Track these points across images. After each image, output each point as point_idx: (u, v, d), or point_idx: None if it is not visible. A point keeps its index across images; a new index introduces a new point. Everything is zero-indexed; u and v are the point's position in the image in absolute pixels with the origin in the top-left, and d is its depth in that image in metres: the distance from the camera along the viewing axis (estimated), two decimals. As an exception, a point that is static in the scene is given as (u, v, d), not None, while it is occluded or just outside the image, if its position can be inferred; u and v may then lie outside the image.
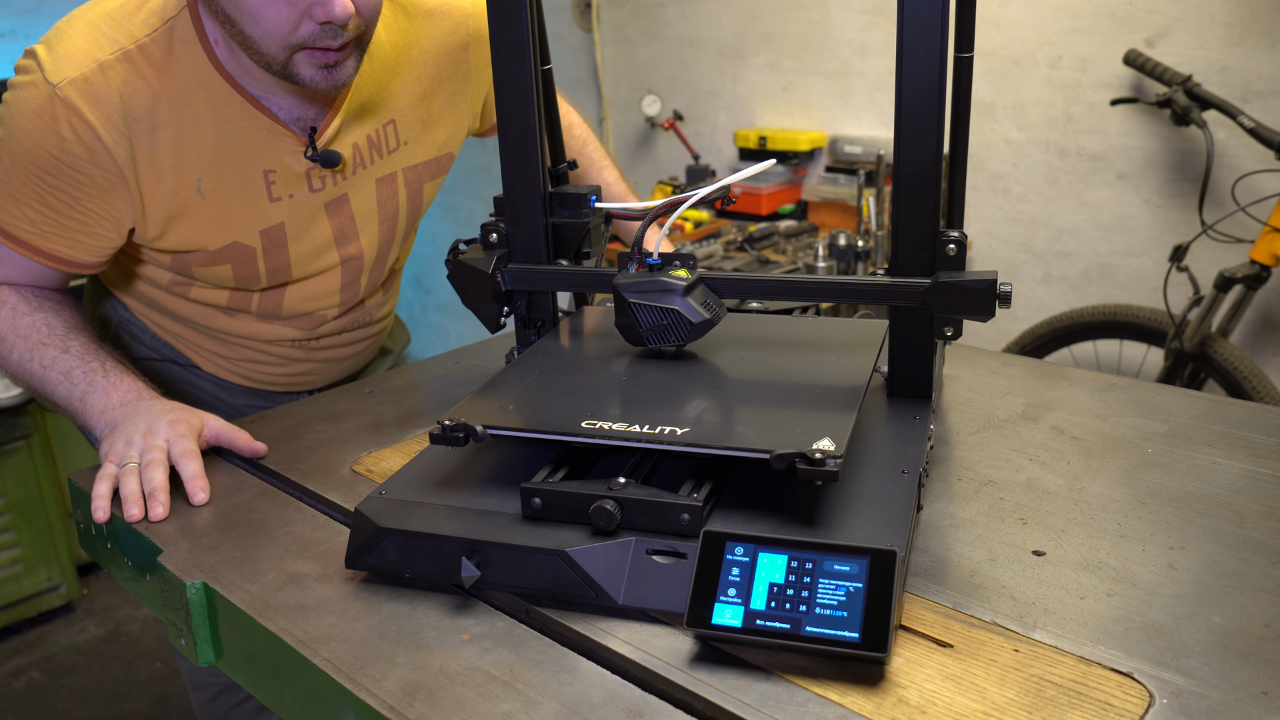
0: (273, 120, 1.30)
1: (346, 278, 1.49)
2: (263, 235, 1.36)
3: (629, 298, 1.07)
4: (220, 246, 1.35)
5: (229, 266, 1.38)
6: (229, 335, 1.52)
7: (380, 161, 1.42)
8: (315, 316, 1.52)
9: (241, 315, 1.49)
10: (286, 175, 1.34)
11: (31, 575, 3.05)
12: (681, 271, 1.09)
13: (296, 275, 1.44)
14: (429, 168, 1.50)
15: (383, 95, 1.39)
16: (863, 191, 2.74)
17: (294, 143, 1.32)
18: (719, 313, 1.09)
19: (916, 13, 0.97)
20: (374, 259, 1.50)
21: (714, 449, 0.87)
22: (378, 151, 1.41)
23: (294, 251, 1.40)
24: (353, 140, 1.38)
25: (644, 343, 1.09)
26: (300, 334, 1.54)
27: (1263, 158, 2.40)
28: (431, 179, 1.51)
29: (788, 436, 0.87)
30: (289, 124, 1.31)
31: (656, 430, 0.90)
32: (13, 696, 2.81)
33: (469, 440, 0.93)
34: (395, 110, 1.41)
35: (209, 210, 1.31)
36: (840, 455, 0.82)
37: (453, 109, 1.49)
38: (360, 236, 1.45)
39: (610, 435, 0.90)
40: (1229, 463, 1.09)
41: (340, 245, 1.44)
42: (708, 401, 0.98)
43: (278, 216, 1.36)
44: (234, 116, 1.28)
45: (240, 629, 0.94)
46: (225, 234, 1.34)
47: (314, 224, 1.40)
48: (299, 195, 1.36)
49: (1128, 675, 0.76)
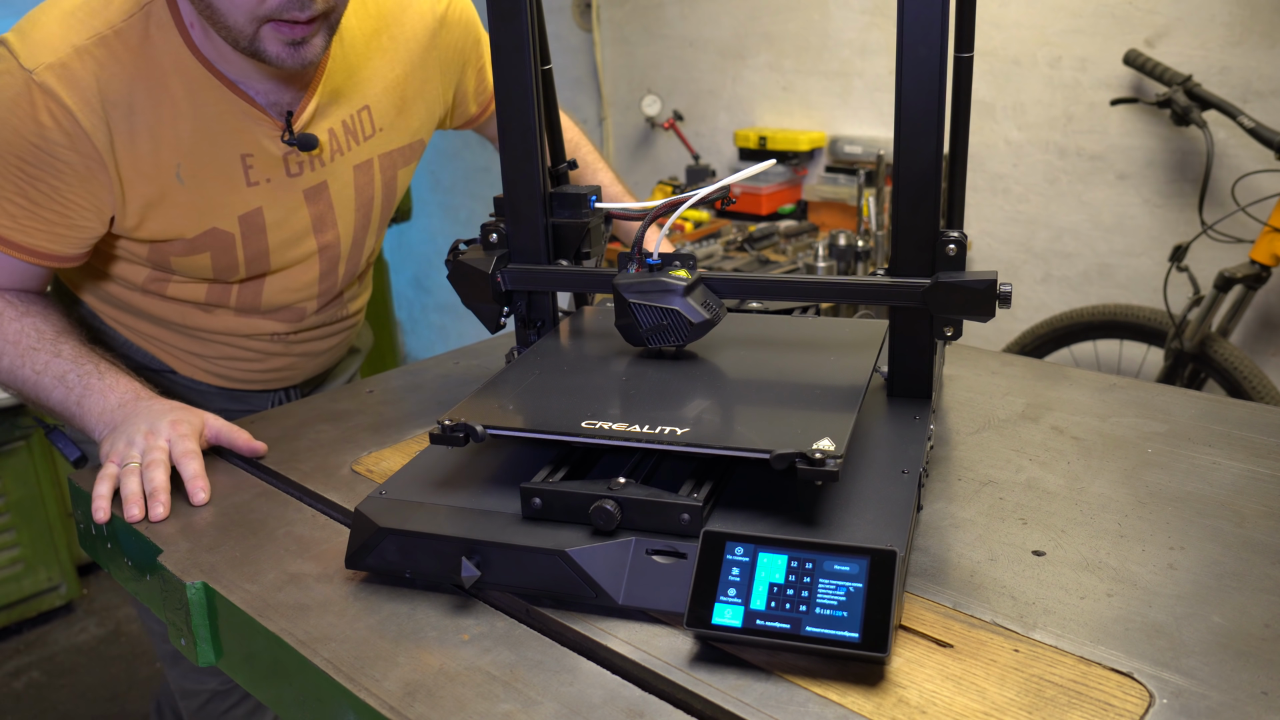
0: (250, 104, 1.30)
1: (324, 267, 1.49)
2: (241, 221, 1.36)
3: (629, 298, 1.07)
4: (199, 233, 1.34)
5: (208, 255, 1.37)
6: (207, 333, 1.51)
7: (357, 148, 1.43)
8: (295, 310, 1.52)
9: (220, 311, 1.48)
10: (264, 159, 1.34)
11: (31, 575, 3.05)
12: (681, 272, 1.09)
13: (275, 265, 1.43)
14: (403, 154, 1.51)
15: (356, 80, 1.40)
16: (863, 191, 2.74)
17: (271, 127, 1.33)
18: (719, 313, 1.09)
19: (916, 13, 0.97)
20: (350, 247, 1.50)
21: (714, 449, 0.87)
22: (354, 138, 1.42)
23: (273, 239, 1.40)
24: (328, 125, 1.38)
25: (644, 343, 1.09)
26: (282, 327, 1.54)
27: (1263, 158, 2.40)
28: (405, 165, 1.52)
29: (788, 436, 0.87)
30: (266, 108, 1.32)
31: (656, 430, 0.90)
32: (13, 696, 2.81)
33: (469, 440, 0.93)
34: (369, 96, 1.42)
35: (187, 196, 1.31)
36: (840, 455, 0.82)
37: (425, 96, 1.50)
38: (338, 224, 1.46)
39: (610, 435, 0.90)
40: (1229, 463, 1.09)
41: (318, 233, 1.44)
42: (708, 401, 0.98)
43: (256, 201, 1.36)
44: (211, 101, 1.29)
45: (240, 629, 0.94)
46: (204, 220, 1.34)
47: (292, 211, 1.40)
48: (276, 180, 1.36)
49: (1128, 675, 0.76)
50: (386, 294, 3.80)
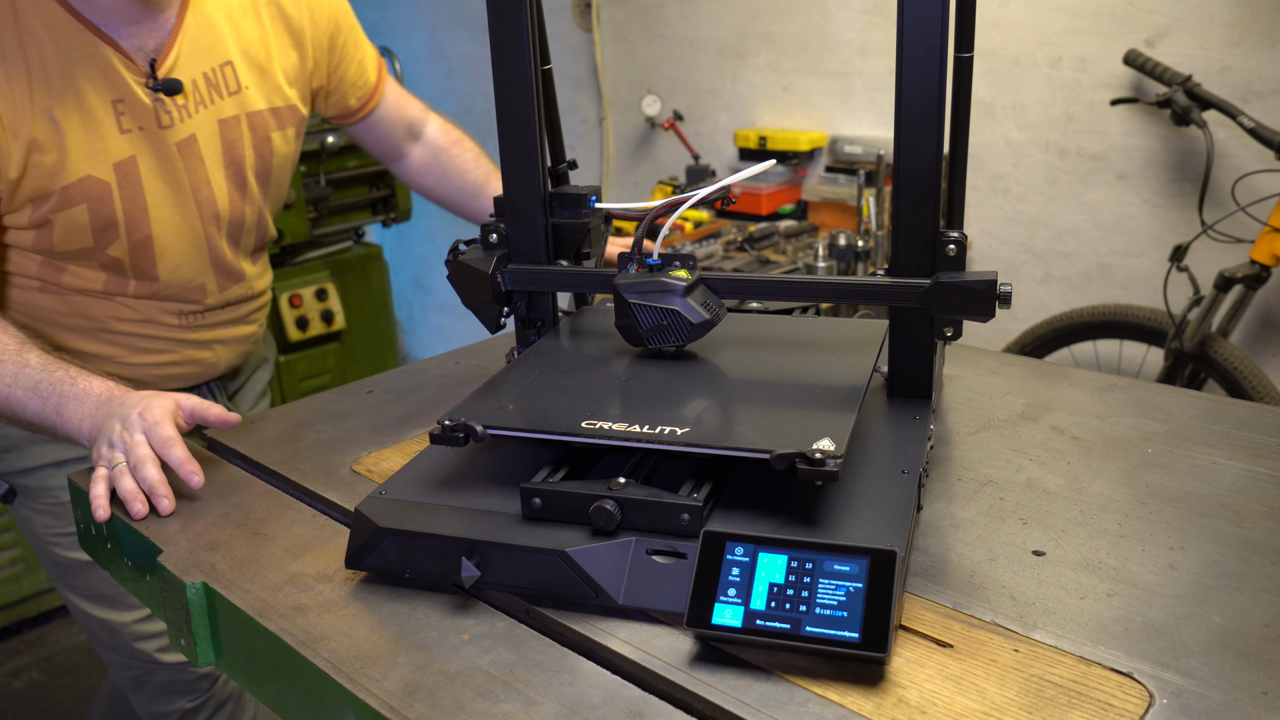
0: (114, 49, 1.36)
1: (209, 234, 1.51)
2: (117, 170, 1.39)
3: (629, 298, 1.07)
4: (74, 179, 1.37)
5: (85, 209, 1.39)
6: (112, 330, 1.51)
7: (221, 102, 1.48)
8: (195, 288, 1.54)
9: (121, 299, 1.49)
10: (135, 107, 1.39)
11: (31, 575, 3.05)
12: (681, 272, 1.09)
13: (157, 229, 1.45)
14: (276, 118, 1.55)
15: (216, 35, 1.46)
16: (863, 191, 2.74)
17: (138, 74, 1.38)
18: (719, 313, 1.09)
19: (916, 13, 0.97)
20: (229, 211, 1.53)
21: (714, 449, 0.87)
22: (217, 91, 1.47)
23: (150, 194, 1.43)
24: (191, 76, 1.44)
25: (644, 343, 1.09)
26: (186, 308, 1.55)
27: (1263, 158, 2.40)
28: (280, 130, 1.56)
29: (788, 436, 0.87)
30: (131, 53, 1.38)
31: (656, 430, 0.90)
32: (13, 696, 2.81)
33: (469, 440, 0.93)
34: (231, 53, 1.48)
35: (62, 139, 1.35)
36: (840, 455, 0.82)
37: (286, 62, 1.55)
38: (210, 181, 1.49)
39: (610, 435, 0.90)
40: (1229, 463, 1.09)
41: (195, 190, 1.47)
42: (708, 401, 0.98)
43: (129, 149, 1.40)
44: (77, 45, 1.34)
45: (240, 629, 0.94)
46: (79, 165, 1.36)
47: (166, 164, 1.43)
48: (149, 130, 1.41)
49: (1128, 675, 0.76)
50: (386, 294, 3.79)
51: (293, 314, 3.43)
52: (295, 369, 3.51)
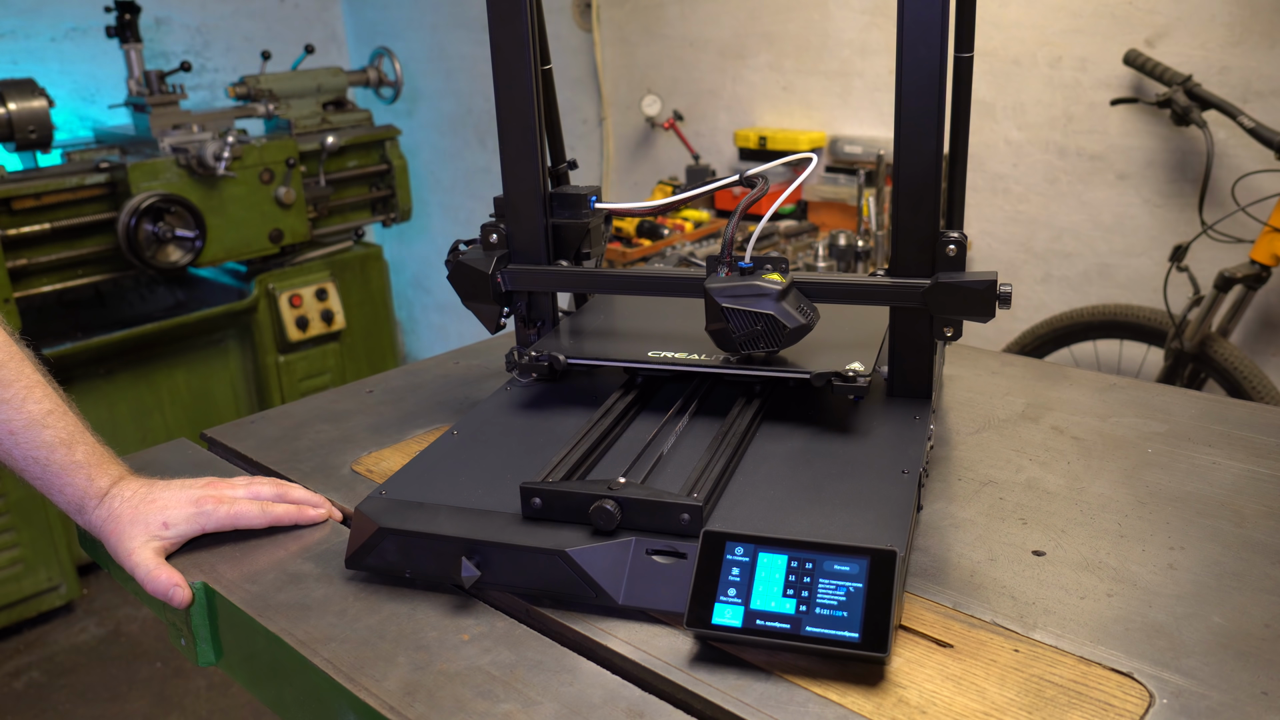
0: None
1: None
2: None
3: (722, 302, 1.03)
4: None
5: None
6: None
7: None
8: None
9: None
10: None
11: (31, 575, 3.05)
12: (775, 275, 1.05)
13: None
14: None
15: None
16: (863, 191, 2.74)
17: None
18: (813, 317, 1.06)
19: (916, 13, 0.97)
20: None
21: (765, 372, 1.05)
22: None
23: None
24: None
25: (736, 349, 1.06)
26: None
27: (1263, 158, 2.40)
28: None
29: (824, 362, 1.04)
30: None
31: (713, 357, 1.08)
32: (13, 696, 2.81)
33: (551, 370, 1.09)
34: None
35: None
36: (868, 374, 0.99)
37: None
38: None
39: (673, 362, 1.08)
40: (1229, 463, 1.09)
41: None
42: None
43: None
44: None
45: (240, 629, 0.94)
46: None
47: None
48: None
49: (1128, 675, 0.76)
50: (386, 294, 3.80)
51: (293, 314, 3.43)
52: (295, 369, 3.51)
